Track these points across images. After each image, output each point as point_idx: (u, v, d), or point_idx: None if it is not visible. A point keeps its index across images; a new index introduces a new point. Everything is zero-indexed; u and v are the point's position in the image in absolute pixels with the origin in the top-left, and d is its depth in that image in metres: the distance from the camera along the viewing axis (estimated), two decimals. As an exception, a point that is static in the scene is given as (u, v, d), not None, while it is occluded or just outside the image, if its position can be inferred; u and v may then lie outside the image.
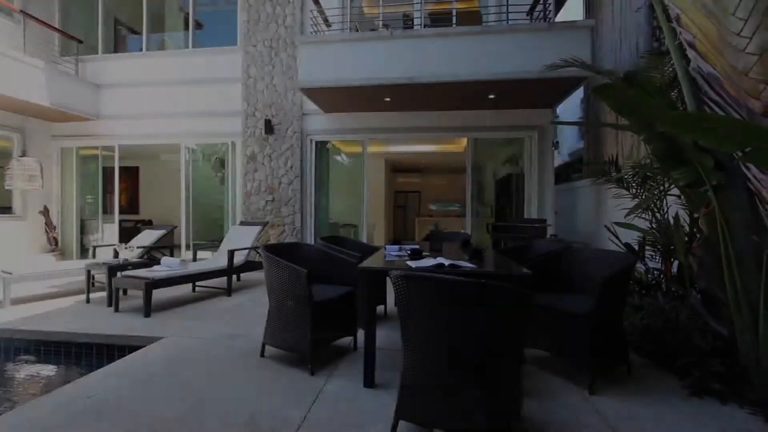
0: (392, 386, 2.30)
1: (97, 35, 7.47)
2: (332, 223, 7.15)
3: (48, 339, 3.41)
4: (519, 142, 6.68)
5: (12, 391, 3.00)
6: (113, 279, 4.11)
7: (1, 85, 5.69)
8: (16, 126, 6.93)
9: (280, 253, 2.77)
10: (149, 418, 1.97)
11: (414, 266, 2.26)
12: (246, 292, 5.03)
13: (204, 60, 7.01)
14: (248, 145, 6.69)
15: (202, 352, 2.88)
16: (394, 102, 6.01)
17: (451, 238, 4.44)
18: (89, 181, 7.77)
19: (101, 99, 7.30)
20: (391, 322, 3.63)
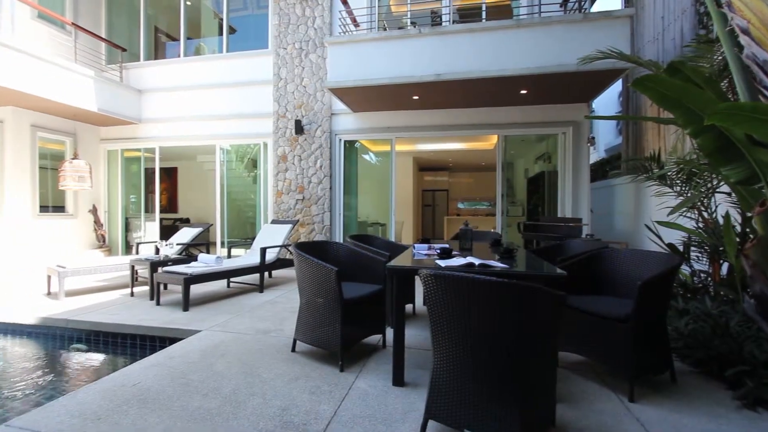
0: (421, 385, 2.30)
1: (139, 43, 7.88)
2: (360, 222, 7.21)
3: (97, 329, 3.65)
4: (552, 138, 6.47)
5: (66, 376, 3.23)
6: (155, 274, 4.33)
7: (56, 93, 6.13)
8: (69, 131, 7.44)
9: (311, 251, 2.82)
10: (189, 407, 2.06)
11: (443, 265, 2.24)
12: (277, 288, 5.16)
13: (237, 63, 7.24)
14: (279, 145, 6.85)
15: (236, 346, 2.99)
16: (422, 100, 5.98)
17: (481, 237, 4.36)
18: (132, 181, 8.23)
19: (143, 103, 7.71)
20: (420, 322, 3.62)
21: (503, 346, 1.61)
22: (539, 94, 5.62)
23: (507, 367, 1.61)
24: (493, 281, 1.54)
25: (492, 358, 1.63)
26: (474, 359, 1.65)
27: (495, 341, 1.61)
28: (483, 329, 1.62)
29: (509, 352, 1.61)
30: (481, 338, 1.63)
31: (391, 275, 2.30)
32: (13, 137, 6.55)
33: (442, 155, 10.97)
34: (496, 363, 1.62)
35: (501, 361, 1.62)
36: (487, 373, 1.63)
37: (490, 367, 1.63)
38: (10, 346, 3.76)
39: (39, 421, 1.91)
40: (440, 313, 1.69)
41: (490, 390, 1.63)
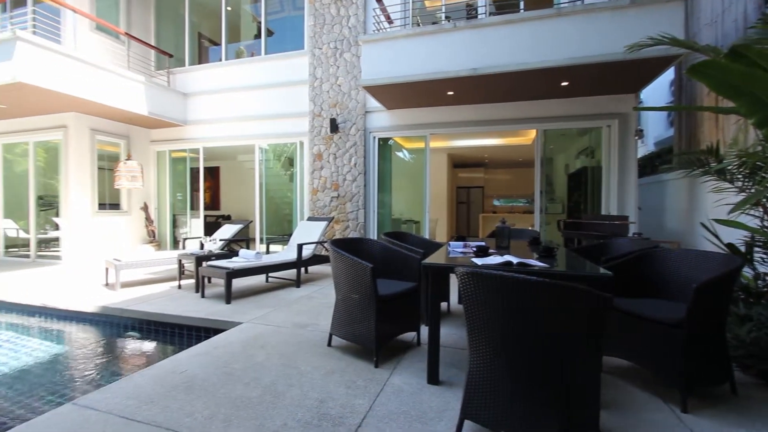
0: (456, 384, 2.27)
1: (184, 49, 8.31)
2: (394, 219, 7.22)
3: (148, 319, 3.91)
4: (596, 132, 6.15)
5: (122, 361, 3.49)
6: (199, 268, 4.57)
7: (112, 98, 6.61)
8: (123, 133, 7.99)
9: (346, 247, 2.86)
10: (231, 395, 2.16)
11: (480, 264, 2.20)
12: (313, 284, 5.28)
13: (274, 65, 7.45)
14: (315, 143, 6.99)
15: (275, 338, 3.09)
16: (458, 95, 5.88)
17: (519, 235, 4.24)
18: (179, 180, 8.71)
19: (188, 106, 8.12)
20: (455, 320, 3.58)
21: (543, 347, 1.56)
22: (582, 85, 5.36)
23: (547, 370, 1.56)
24: (533, 281, 1.49)
25: (531, 359, 1.58)
26: (512, 360, 1.61)
27: (534, 343, 1.56)
28: (522, 330, 1.57)
29: (549, 355, 1.55)
30: (520, 339, 1.58)
31: (426, 273, 2.29)
32: (76, 141, 7.13)
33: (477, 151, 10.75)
34: (535, 365, 1.57)
35: (540, 363, 1.56)
36: (526, 374, 1.59)
37: (529, 369, 1.58)
38: (74, 331, 4.11)
39: (100, 401, 2.08)
40: (477, 313, 1.66)
41: (529, 392, 1.58)
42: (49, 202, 7.80)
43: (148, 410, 1.99)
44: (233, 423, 1.87)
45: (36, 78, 5.46)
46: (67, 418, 1.92)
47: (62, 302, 4.36)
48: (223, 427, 1.84)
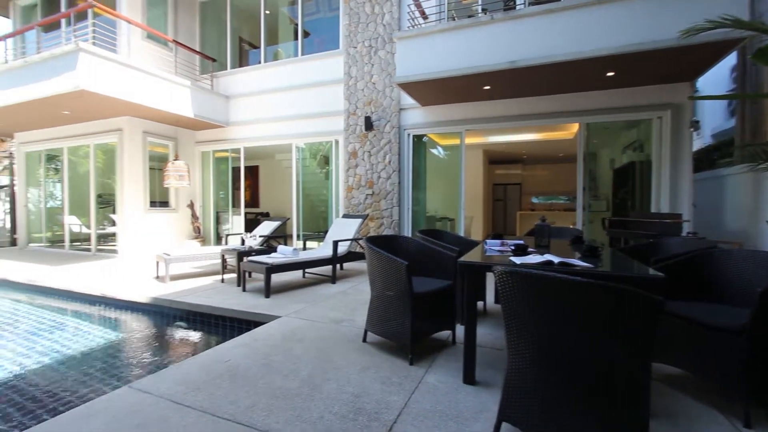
0: (493, 385, 2.23)
1: (226, 53, 8.67)
2: (429, 217, 7.17)
3: (195, 310, 4.14)
4: (645, 124, 5.77)
5: (171, 349, 3.72)
6: (241, 263, 4.77)
7: (162, 102, 7.03)
8: (171, 135, 8.48)
9: (381, 244, 2.88)
10: (271, 385, 2.24)
11: (518, 263, 2.13)
12: (348, 280, 5.36)
13: (310, 66, 7.61)
14: (350, 142, 7.07)
15: (312, 332, 3.17)
16: (494, 90, 5.72)
17: (559, 233, 4.07)
18: (221, 179, 9.13)
19: (230, 108, 8.48)
20: (491, 320, 3.50)
21: (587, 351, 1.49)
22: (629, 75, 5.04)
23: (591, 375, 1.49)
24: (576, 281, 1.43)
25: (574, 363, 1.51)
26: (553, 363, 1.55)
27: (578, 346, 1.50)
28: (564, 332, 1.51)
29: (594, 359, 1.48)
30: (562, 342, 1.52)
31: (462, 271, 2.25)
32: (130, 143, 7.65)
33: (514, 147, 10.42)
34: (578, 369, 1.51)
35: (584, 367, 1.50)
36: (568, 378, 1.52)
37: (572, 373, 1.52)
38: (129, 320, 4.43)
39: (153, 386, 2.23)
40: (515, 313, 1.61)
41: (572, 397, 1.52)
42: (106, 200, 8.44)
43: (195, 396, 2.11)
44: (274, 412, 1.94)
45: (96, 85, 5.91)
46: (125, 400, 2.07)
47: (119, 293, 4.72)
48: (264, 415, 1.92)
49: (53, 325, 4.29)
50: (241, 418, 1.89)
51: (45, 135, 8.84)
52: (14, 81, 6.41)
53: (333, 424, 1.85)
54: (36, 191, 9.55)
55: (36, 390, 2.77)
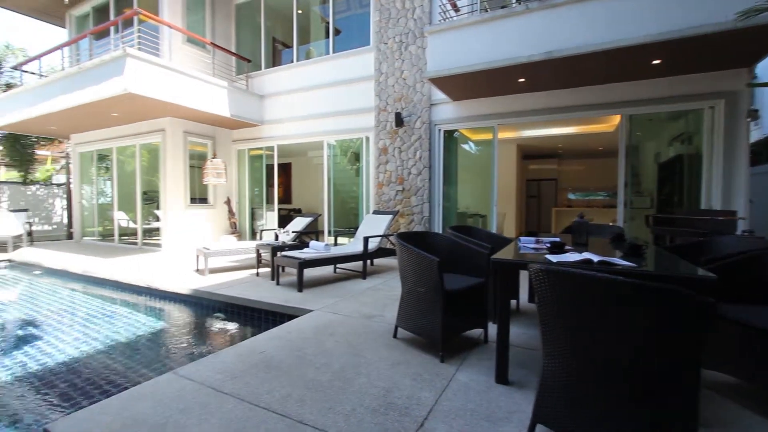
0: (526, 386, 2.18)
1: (260, 53, 8.91)
2: (460, 213, 7.06)
3: (231, 302, 4.31)
4: (695, 114, 5.39)
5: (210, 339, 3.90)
6: (275, 258, 4.91)
7: (201, 103, 7.33)
8: (209, 134, 8.84)
9: (412, 241, 2.87)
10: (304, 377, 2.30)
11: (555, 261, 2.06)
12: (379, 276, 5.39)
13: (341, 63, 7.67)
14: (380, 138, 7.08)
15: (343, 327, 3.22)
16: (530, 82, 5.54)
17: (598, 231, 3.89)
18: (256, 176, 9.42)
19: (264, 107, 8.72)
20: (524, 319, 3.41)
21: (630, 355, 1.42)
22: (677, 62, 4.72)
23: (632, 379, 1.42)
24: (619, 281, 1.36)
25: (614, 367, 1.45)
26: (591, 366, 1.49)
27: (618, 349, 1.43)
28: (604, 334, 1.45)
29: (637, 363, 1.41)
30: (602, 344, 1.46)
31: (495, 269, 2.20)
32: (172, 143, 8.05)
33: (550, 141, 10.05)
34: (618, 373, 1.44)
35: (625, 371, 1.43)
36: (607, 382, 1.46)
37: (611, 377, 1.45)
38: (171, 310, 4.68)
39: (194, 373, 2.34)
40: (552, 313, 1.56)
41: (611, 402, 1.45)
42: (151, 197, 8.94)
43: (233, 384, 2.20)
44: (307, 403, 1.99)
45: (141, 88, 6.25)
46: (169, 385, 2.19)
47: (163, 284, 4.99)
48: (297, 405, 1.97)
49: (105, 312, 4.60)
50: (276, 407, 1.96)
51: (97, 136, 9.47)
52: (70, 86, 6.89)
53: (365, 417, 1.87)
54: (89, 188, 10.27)
55: (90, 372, 2.99)
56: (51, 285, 6.08)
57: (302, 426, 1.80)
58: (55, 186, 12.40)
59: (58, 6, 9.82)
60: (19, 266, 7.37)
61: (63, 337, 3.73)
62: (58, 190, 12.22)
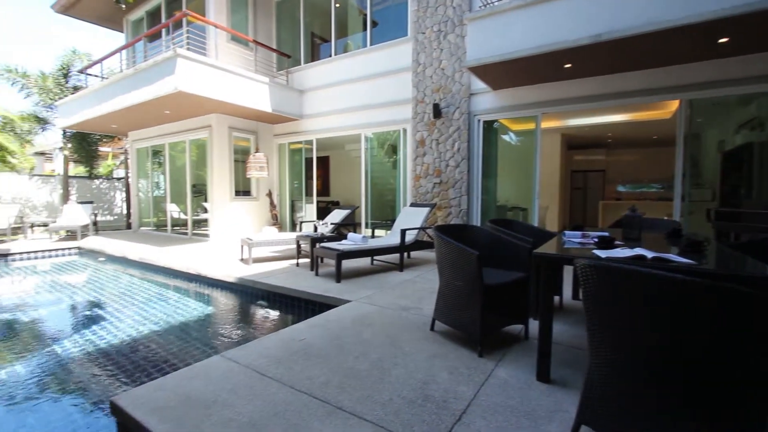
0: (570, 385, 2.10)
1: (300, 49, 9.08)
2: (499, 206, 6.87)
3: (273, 291, 4.48)
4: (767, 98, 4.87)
5: (254, 325, 4.09)
6: (314, 249, 5.04)
7: (245, 99, 7.62)
8: (252, 129, 9.18)
9: (451, 234, 2.83)
10: (343, 365, 2.35)
11: (603, 256, 1.95)
12: (415, 268, 5.38)
13: (379, 55, 7.65)
14: (417, 130, 7.02)
15: (380, 318, 3.25)
16: (576, 68, 5.23)
17: (652, 225, 3.64)
18: (295, 169, 9.68)
19: (303, 102, 8.91)
20: (567, 316, 3.28)
21: (687, 358, 1.32)
22: (749, 39, 4.26)
23: (691, 385, 1.32)
24: (678, 279, 1.27)
25: (670, 370, 1.35)
26: (643, 367, 1.41)
27: (676, 351, 1.34)
28: (659, 335, 1.36)
29: (695, 368, 1.31)
30: (655, 345, 1.37)
31: (537, 263, 2.13)
32: (218, 138, 8.44)
33: (598, 130, 9.48)
34: (675, 377, 1.35)
35: (683, 376, 1.33)
36: (662, 386, 1.37)
37: (667, 381, 1.36)
38: (218, 296, 4.95)
39: (240, 357, 2.47)
40: (600, 311, 1.48)
41: (663, 405, 1.36)
42: (199, 190, 9.46)
43: (275, 369, 2.30)
44: (346, 390, 2.05)
45: (191, 87, 6.59)
46: (217, 367, 2.33)
47: (210, 272, 5.29)
48: (337, 392, 2.02)
49: (159, 297, 4.96)
50: (317, 392, 2.02)
51: (151, 133, 10.13)
52: (128, 87, 7.40)
53: (402, 407, 1.89)
54: (145, 182, 11.04)
55: (147, 350, 3.24)
56: (113, 270, 6.63)
57: (341, 412, 1.85)
58: (115, 180, 13.46)
59: (117, 12, 10.54)
60: (87, 253, 8.09)
61: (123, 319, 4.07)
62: (118, 183, 13.25)
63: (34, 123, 11.66)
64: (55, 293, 5.20)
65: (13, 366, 3.00)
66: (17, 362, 3.07)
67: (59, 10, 10.51)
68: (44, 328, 4.00)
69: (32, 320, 4.17)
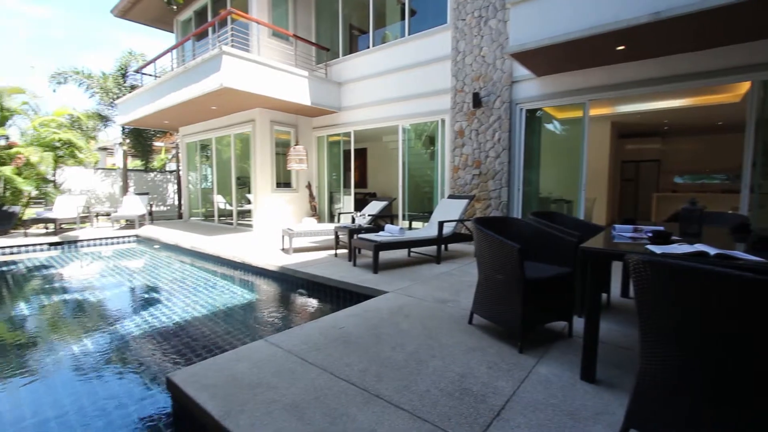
0: (616, 386, 2.00)
1: (338, 41, 9.15)
2: (542, 198, 6.60)
3: (313, 280, 4.61)
4: None
5: (294, 312, 4.24)
6: (352, 240, 5.11)
7: (286, 93, 7.81)
8: (292, 123, 9.41)
9: (491, 226, 2.77)
10: (380, 355, 2.38)
11: (659, 252, 1.82)
12: (453, 261, 5.32)
13: (417, 45, 7.54)
14: (456, 120, 6.87)
15: (417, 310, 3.25)
16: (630, 49, 4.87)
17: (714, 220, 3.34)
18: (333, 161, 9.84)
19: (342, 94, 8.99)
20: (615, 314, 3.11)
21: (753, 364, 1.21)
22: (840, 10, 3.75)
23: (762, 398, 1.21)
24: (746, 277, 1.16)
25: (735, 380, 1.25)
26: (703, 374, 1.31)
27: (741, 359, 1.23)
28: (723, 339, 1.25)
29: (761, 375, 1.20)
30: (716, 349, 1.27)
31: (584, 258, 2.03)
32: (260, 132, 8.74)
33: (653, 116, 8.80)
34: (741, 389, 1.24)
35: (751, 387, 1.22)
36: (720, 391, 1.27)
37: (731, 392, 1.26)
38: (261, 284, 5.17)
39: (282, 342, 2.57)
40: (654, 311, 1.39)
41: (722, 414, 1.26)
42: (243, 182, 9.88)
43: (316, 355, 2.38)
44: (384, 379, 2.07)
45: (236, 83, 6.85)
46: (262, 351, 2.44)
47: (254, 261, 5.53)
48: (375, 381, 2.06)
49: (207, 283, 5.26)
50: (355, 380, 2.07)
51: (199, 128, 10.68)
52: (178, 85, 7.83)
53: (439, 399, 1.89)
54: (194, 174, 11.69)
55: (196, 332, 3.46)
56: (166, 257, 7.11)
57: (379, 400, 1.87)
58: (168, 173, 14.36)
59: (168, 14, 11.12)
60: (144, 241, 8.74)
61: (176, 302, 4.36)
62: (170, 176, 14.13)
63: (97, 120, 12.66)
64: (117, 277, 5.67)
65: (83, 341, 3.32)
66: (87, 338, 3.39)
67: (118, 15, 11.27)
68: (108, 308, 4.38)
69: (98, 300, 4.58)
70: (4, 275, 5.74)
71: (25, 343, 3.37)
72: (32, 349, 3.25)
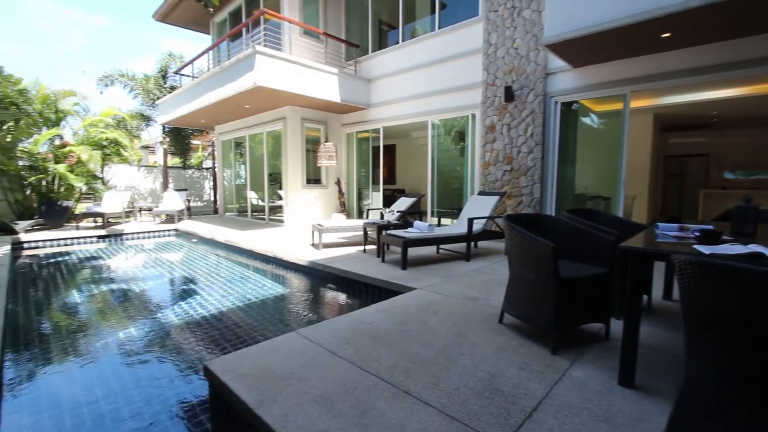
0: (657, 393, 1.90)
1: (368, 38, 9.15)
2: (577, 195, 6.34)
3: (342, 275, 4.67)
4: None
5: (324, 306, 4.31)
6: (380, 236, 5.13)
7: (316, 91, 7.92)
8: (322, 120, 9.54)
9: (523, 223, 2.69)
10: (408, 351, 2.38)
11: (707, 252, 1.71)
12: (482, 259, 5.23)
13: (447, 38, 7.42)
14: (487, 115, 6.72)
15: (446, 307, 3.23)
16: (676, 37, 4.57)
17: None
18: (362, 158, 9.89)
19: (371, 90, 9.01)
20: (656, 318, 2.96)
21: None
22: None
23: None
24: (810, 282, 1.06)
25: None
26: (753, 381, 1.22)
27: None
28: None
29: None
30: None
31: (624, 258, 1.93)
32: (291, 129, 8.92)
33: (700, 108, 8.21)
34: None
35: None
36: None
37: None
38: (292, 278, 5.29)
39: (312, 335, 2.63)
40: (702, 315, 1.31)
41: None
42: (275, 179, 10.13)
43: (345, 349, 2.41)
44: (412, 375, 2.07)
45: (268, 81, 7.01)
46: (293, 343, 2.50)
47: (285, 255, 5.67)
48: (403, 377, 2.06)
49: (241, 276, 5.45)
50: (383, 375, 2.08)
51: (233, 126, 11.04)
52: (215, 84, 8.11)
53: (469, 397, 1.87)
54: (229, 171, 12.11)
55: (231, 323, 3.60)
56: (203, 250, 7.43)
57: (407, 396, 1.88)
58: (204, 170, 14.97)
59: (205, 16, 11.54)
60: (182, 234, 9.16)
61: (212, 293, 4.55)
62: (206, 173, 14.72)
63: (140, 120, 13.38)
64: (158, 268, 5.99)
65: (128, 328, 3.53)
66: (131, 325, 3.61)
67: (159, 19, 11.82)
68: (150, 297, 4.64)
69: (141, 290, 4.85)
70: (60, 265, 6.20)
71: (78, 329, 3.63)
72: (84, 333, 3.50)
